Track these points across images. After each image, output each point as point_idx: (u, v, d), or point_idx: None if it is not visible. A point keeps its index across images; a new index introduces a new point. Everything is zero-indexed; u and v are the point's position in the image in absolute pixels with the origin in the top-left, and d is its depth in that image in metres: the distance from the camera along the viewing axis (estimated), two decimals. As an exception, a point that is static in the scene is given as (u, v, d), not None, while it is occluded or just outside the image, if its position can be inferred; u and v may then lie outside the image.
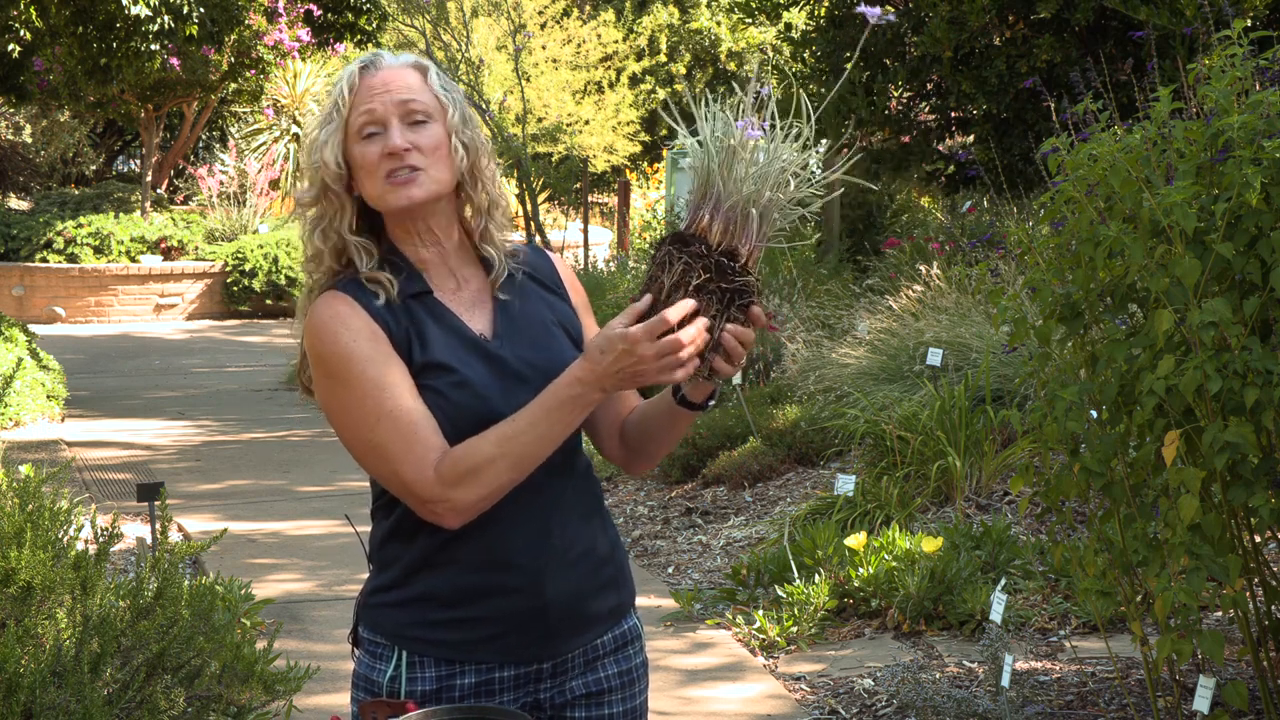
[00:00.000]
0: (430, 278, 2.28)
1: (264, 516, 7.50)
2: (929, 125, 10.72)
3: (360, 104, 2.23)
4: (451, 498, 2.13)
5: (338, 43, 15.39)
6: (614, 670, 2.35)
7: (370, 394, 2.16)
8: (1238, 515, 3.67)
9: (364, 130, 2.22)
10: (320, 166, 2.24)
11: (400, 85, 2.24)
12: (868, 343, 7.60)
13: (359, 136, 2.23)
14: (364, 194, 2.25)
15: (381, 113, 2.22)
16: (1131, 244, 3.44)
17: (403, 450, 2.14)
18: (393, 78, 2.24)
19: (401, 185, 2.21)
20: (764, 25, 18.94)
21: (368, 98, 2.23)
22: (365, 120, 2.22)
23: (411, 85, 2.25)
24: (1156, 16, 8.11)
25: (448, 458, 2.14)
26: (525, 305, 2.32)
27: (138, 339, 15.50)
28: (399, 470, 2.15)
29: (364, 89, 2.23)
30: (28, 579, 2.93)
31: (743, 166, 2.10)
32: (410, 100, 2.23)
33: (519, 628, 2.24)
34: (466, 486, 2.12)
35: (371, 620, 2.29)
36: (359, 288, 2.24)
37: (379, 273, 2.24)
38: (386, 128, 2.22)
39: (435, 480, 2.13)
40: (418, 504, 2.16)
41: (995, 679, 4.34)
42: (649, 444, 2.35)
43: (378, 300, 2.22)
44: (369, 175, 2.22)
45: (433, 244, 2.28)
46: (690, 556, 6.51)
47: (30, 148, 22.44)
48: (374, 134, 2.22)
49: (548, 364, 2.25)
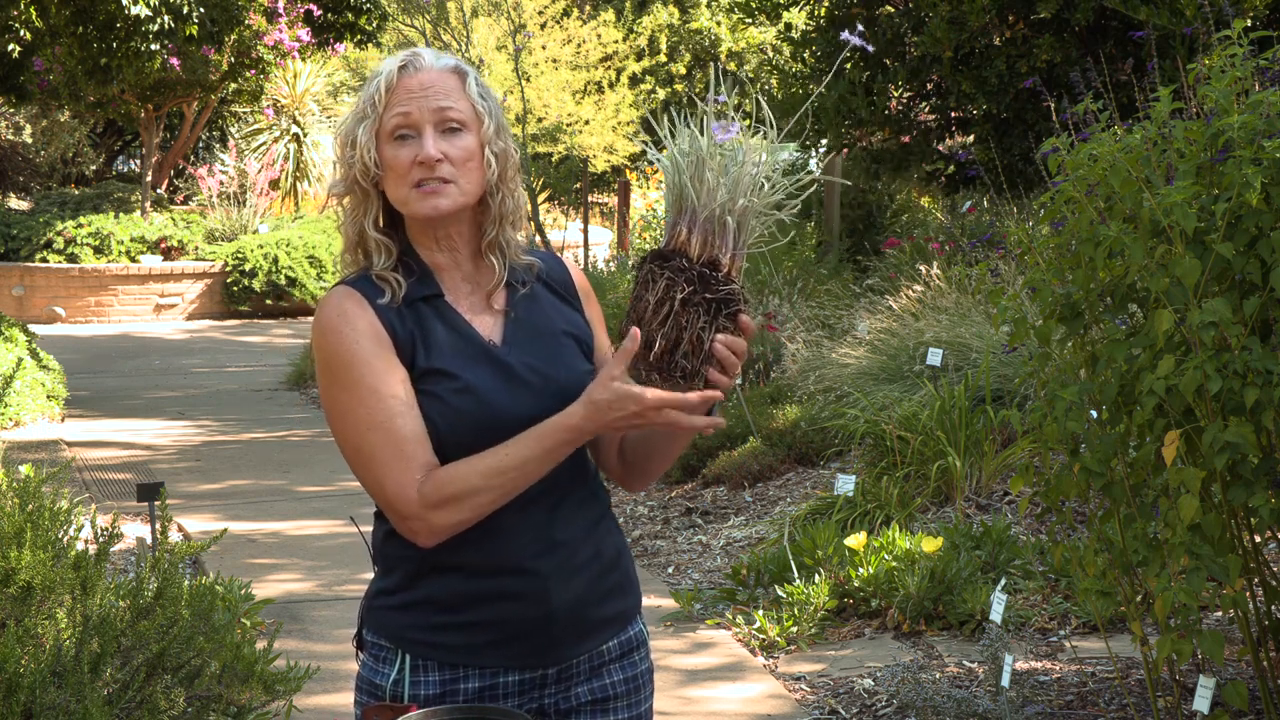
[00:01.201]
0: (443, 281, 2.27)
1: (264, 516, 7.50)
2: (929, 125, 10.72)
3: (396, 104, 2.20)
4: (430, 519, 2.13)
5: (338, 43, 15.39)
6: (620, 677, 2.34)
7: (365, 401, 2.16)
8: (1238, 515, 3.67)
9: (396, 131, 2.20)
10: (352, 161, 2.22)
11: (438, 90, 2.20)
12: (868, 343, 7.60)
13: (391, 137, 2.20)
14: (389, 194, 2.24)
15: (416, 117, 2.19)
16: (1131, 244, 3.44)
17: (390, 463, 2.14)
18: (431, 81, 2.21)
19: (429, 195, 2.19)
20: (764, 25, 18.94)
21: (404, 98, 2.20)
22: (399, 122, 2.19)
23: (449, 91, 2.21)
24: (1156, 16, 8.11)
25: (432, 479, 2.13)
26: (536, 312, 2.30)
27: (138, 339, 15.50)
28: (383, 482, 2.15)
29: (401, 88, 2.20)
30: (28, 579, 2.93)
31: (713, 176, 2.09)
32: (448, 108, 2.20)
33: (523, 633, 2.23)
34: (447, 511, 2.13)
35: (375, 623, 2.28)
36: (371, 285, 2.23)
37: (390, 273, 2.23)
38: (420, 133, 2.19)
39: (417, 499, 2.13)
40: (396, 518, 2.17)
41: (995, 679, 4.34)
42: (647, 461, 2.34)
43: (384, 299, 2.22)
44: (398, 178, 2.21)
45: (449, 249, 2.27)
46: (690, 556, 6.52)
47: (30, 148, 22.44)
48: (407, 137, 2.20)
49: (554, 372, 2.25)
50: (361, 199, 2.24)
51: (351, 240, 2.26)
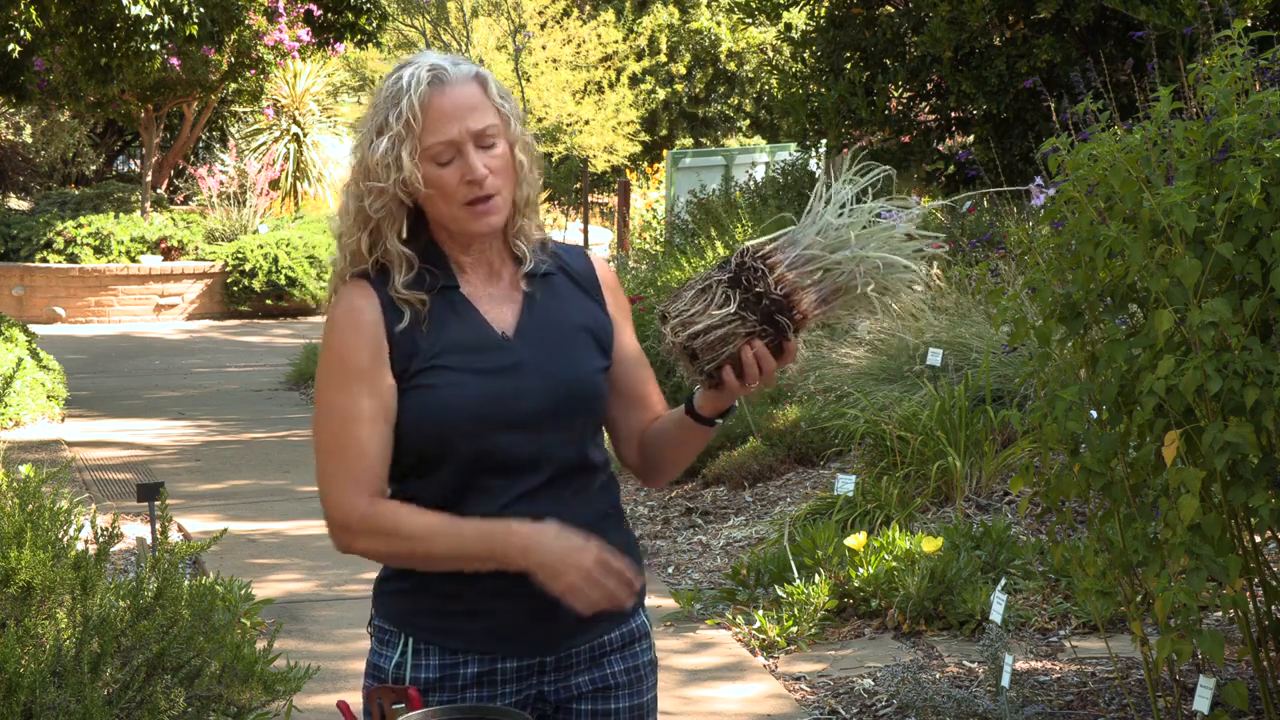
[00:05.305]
0: (463, 273, 2.30)
1: (264, 516, 7.50)
2: (929, 125, 10.72)
3: (435, 127, 2.20)
4: (352, 542, 2.23)
5: (338, 43, 15.39)
6: (620, 667, 2.36)
7: (345, 406, 2.22)
8: (1238, 515, 3.67)
9: (440, 156, 2.21)
10: (395, 182, 2.21)
11: (469, 106, 2.22)
12: (868, 343, 7.59)
13: (433, 160, 2.22)
14: (433, 212, 2.26)
15: (459, 139, 2.21)
16: (1131, 244, 3.44)
17: (343, 472, 2.21)
18: (462, 99, 2.22)
19: (483, 215, 2.23)
20: (764, 25, 18.94)
21: (442, 122, 2.20)
22: (442, 149, 2.21)
23: (477, 105, 2.23)
24: (1156, 16, 8.11)
25: (374, 507, 2.21)
26: (553, 305, 2.32)
27: (138, 339, 15.50)
28: (331, 486, 2.23)
29: (435, 110, 2.21)
30: (28, 579, 2.94)
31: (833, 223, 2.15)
32: (485, 127, 2.22)
33: (521, 622, 2.26)
34: (370, 541, 2.22)
35: (382, 607, 2.34)
36: (384, 275, 2.26)
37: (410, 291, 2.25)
38: (462, 154, 2.22)
39: (354, 517, 2.21)
40: (327, 520, 2.25)
41: (995, 679, 4.34)
42: (661, 456, 2.37)
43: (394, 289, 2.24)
44: (445, 199, 2.23)
45: (479, 250, 2.30)
46: (690, 556, 6.52)
47: (30, 148, 22.44)
48: (450, 159, 2.22)
49: (563, 369, 2.27)
50: (389, 212, 2.25)
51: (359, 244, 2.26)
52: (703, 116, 24.67)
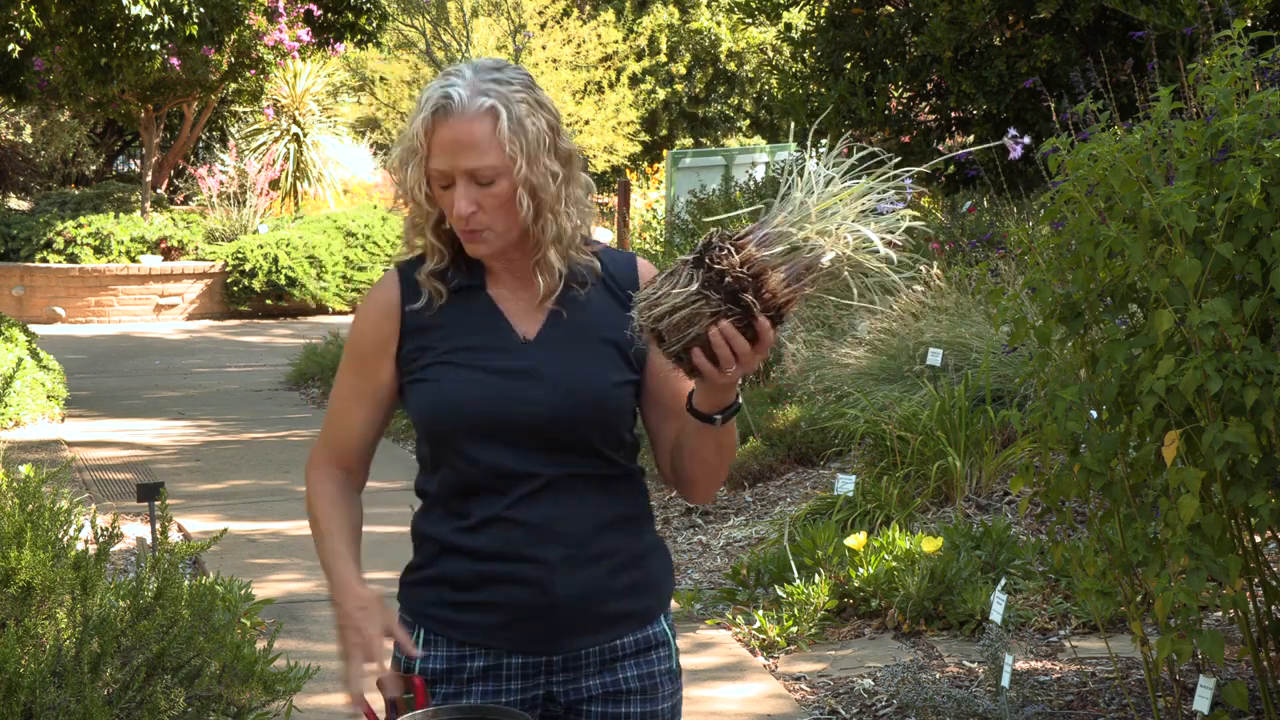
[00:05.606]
0: (494, 277, 2.33)
1: (264, 516, 7.50)
2: (929, 125, 10.72)
3: (436, 154, 2.23)
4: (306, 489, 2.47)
5: (338, 43, 15.39)
6: (634, 673, 2.35)
7: (339, 379, 2.41)
8: (1238, 515, 3.67)
9: (441, 181, 2.25)
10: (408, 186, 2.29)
11: (468, 144, 2.21)
12: (868, 343, 7.60)
13: (436, 181, 2.25)
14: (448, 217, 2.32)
15: (450, 172, 2.23)
16: (1131, 244, 3.44)
17: (323, 432, 2.45)
18: (464, 135, 2.21)
19: (471, 241, 2.27)
20: (764, 25, 18.94)
21: (441, 151, 2.22)
22: (438, 175, 2.24)
23: (477, 143, 2.21)
24: (1156, 16, 8.11)
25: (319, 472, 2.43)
26: (581, 317, 2.31)
27: (138, 339, 15.50)
28: (320, 436, 2.46)
29: (437, 139, 2.22)
30: (28, 579, 2.94)
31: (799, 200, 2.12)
32: (477, 168, 2.21)
33: (526, 619, 2.28)
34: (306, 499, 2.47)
35: (402, 597, 2.40)
36: (414, 269, 2.34)
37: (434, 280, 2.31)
38: (455, 186, 2.24)
39: (309, 471, 2.45)
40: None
41: (995, 679, 4.34)
42: (682, 464, 2.34)
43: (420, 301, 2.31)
44: (449, 215, 2.27)
45: (504, 261, 2.32)
46: (690, 556, 6.52)
47: (30, 148, 22.44)
48: (449, 184, 2.25)
49: (576, 376, 2.27)
50: (419, 210, 2.31)
51: (410, 235, 2.37)
52: (703, 116, 24.67)
